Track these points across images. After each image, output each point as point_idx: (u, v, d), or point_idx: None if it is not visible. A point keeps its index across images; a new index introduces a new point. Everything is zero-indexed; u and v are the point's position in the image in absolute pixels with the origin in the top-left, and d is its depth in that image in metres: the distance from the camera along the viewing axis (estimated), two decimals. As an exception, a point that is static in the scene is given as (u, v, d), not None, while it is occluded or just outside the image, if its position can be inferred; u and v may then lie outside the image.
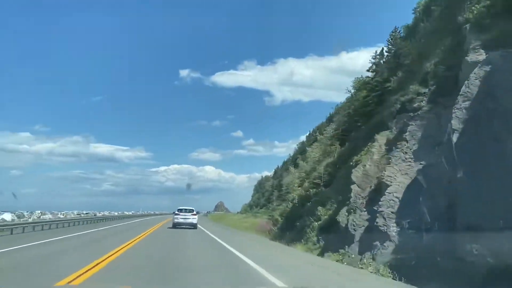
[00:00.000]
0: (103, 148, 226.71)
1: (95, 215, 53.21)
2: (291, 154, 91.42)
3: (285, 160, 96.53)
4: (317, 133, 57.12)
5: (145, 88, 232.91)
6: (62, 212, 52.40)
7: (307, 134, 77.14)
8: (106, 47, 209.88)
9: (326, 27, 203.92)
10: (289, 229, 26.21)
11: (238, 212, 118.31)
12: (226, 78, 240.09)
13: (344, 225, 15.78)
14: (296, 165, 58.55)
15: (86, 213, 56.55)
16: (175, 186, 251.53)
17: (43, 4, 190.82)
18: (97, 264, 9.65)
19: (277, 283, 8.05)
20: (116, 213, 64.80)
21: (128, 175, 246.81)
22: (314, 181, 30.27)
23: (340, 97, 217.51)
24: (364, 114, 26.69)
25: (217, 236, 22.73)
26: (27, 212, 44.61)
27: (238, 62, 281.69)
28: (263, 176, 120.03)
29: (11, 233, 21.06)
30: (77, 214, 53.00)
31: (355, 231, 14.56)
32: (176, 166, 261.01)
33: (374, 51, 30.49)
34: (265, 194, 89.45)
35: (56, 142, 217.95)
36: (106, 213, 63.73)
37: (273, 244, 21.41)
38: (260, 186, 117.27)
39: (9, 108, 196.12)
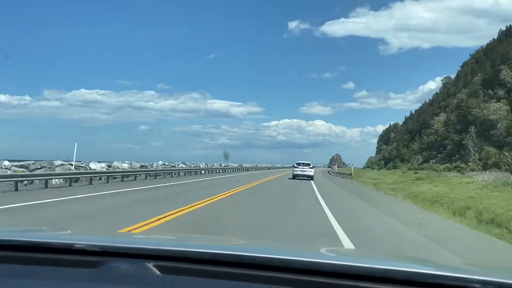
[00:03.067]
0: (218, 104, 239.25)
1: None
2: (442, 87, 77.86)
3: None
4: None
5: (255, 44, 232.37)
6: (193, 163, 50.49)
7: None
8: (217, 7, 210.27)
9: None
10: None
11: (364, 167, 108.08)
12: (336, 27, 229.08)
13: None
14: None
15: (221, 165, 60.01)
16: (286, 140, 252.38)
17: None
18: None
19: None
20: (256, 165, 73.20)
21: (242, 129, 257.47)
22: None
23: (467, 41, 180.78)
24: None
25: None
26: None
27: (349, 9, 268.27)
28: (391, 124, 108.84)
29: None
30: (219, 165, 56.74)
31: None
32: (286, 120, 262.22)
33: None
34: (418, 141, 76.21)
35: (177, 99, 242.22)
36: (237, 165, 66.46)
37: None
38: (387, 137, 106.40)
39: (135, 69, 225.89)
